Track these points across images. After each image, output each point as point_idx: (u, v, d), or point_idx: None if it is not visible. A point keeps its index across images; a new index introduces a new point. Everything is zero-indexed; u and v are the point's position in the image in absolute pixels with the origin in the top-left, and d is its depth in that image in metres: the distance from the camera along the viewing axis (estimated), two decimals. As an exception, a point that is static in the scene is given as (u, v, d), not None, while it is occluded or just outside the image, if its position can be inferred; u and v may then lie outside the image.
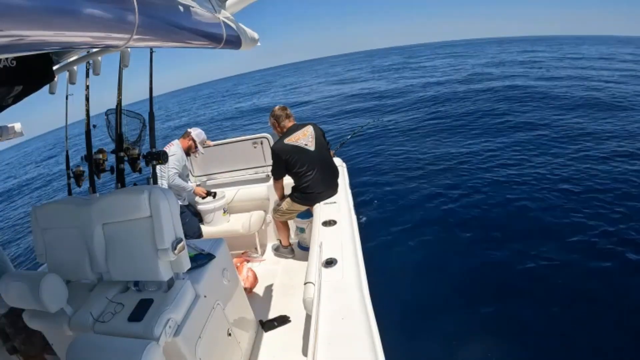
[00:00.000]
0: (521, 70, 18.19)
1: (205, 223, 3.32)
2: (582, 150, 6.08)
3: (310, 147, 2.65)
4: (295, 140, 2.65)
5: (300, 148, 2.63)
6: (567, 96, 10.41)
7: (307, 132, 2.70)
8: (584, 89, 11.39)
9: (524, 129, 7.73)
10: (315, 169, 2.64)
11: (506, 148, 6.71)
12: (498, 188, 5.09)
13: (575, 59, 22.69)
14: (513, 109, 9.58)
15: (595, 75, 14.14)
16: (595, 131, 7.04)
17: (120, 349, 1.32)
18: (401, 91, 15.85)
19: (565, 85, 12.38)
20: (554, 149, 6.35)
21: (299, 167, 2.64)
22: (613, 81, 12.53)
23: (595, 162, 5.53)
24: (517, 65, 20.58)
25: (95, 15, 0.64)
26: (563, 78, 14.13)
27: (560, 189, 4.78)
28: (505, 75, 16.23)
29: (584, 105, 9.22)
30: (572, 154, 6.01)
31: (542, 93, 11.19)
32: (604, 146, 6.17)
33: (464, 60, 29.08)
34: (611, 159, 5.56)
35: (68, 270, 1.72)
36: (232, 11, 1.46)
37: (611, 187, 4.66)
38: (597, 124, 7.54)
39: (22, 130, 2.32)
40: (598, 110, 8.53)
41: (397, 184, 5.69)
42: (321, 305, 1.49)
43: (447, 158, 6.57)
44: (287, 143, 2.65)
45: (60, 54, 1.80)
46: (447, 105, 11.33)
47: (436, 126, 9.05)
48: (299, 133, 2.69)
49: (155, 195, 1.52)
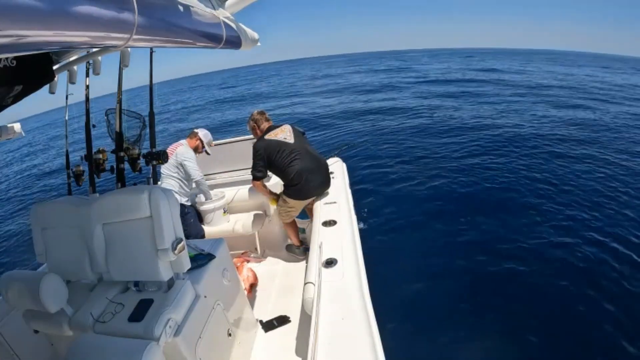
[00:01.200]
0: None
1: (205, 223, 3.32)
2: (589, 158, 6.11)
3: (289, 140, 2.74)
4: (275, 136, 2.76)
5: (280, 142, 2.72)
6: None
7: (285, 129, 2.82)
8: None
9: (535, 133, 7.71)
10: (298, 159, 2.67)
11: (513, 150, 6.71)
12: (501, 188, 5.09)
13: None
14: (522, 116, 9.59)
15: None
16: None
17: (120, 349, 1.32)
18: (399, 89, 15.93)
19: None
20: (568, 153, 6.35)
21: (281, 159, 2.68)
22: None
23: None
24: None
25: (95, 15, 0.64)
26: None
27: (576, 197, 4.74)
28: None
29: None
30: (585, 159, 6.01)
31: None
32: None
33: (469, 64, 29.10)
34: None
35: (68, 270, 1.72)
36: (232, 11, 1.46)
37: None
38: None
39: (21, 131, 2.32)
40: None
41: (397, 184, 5.69)
42: (321, 306, 1.48)
43: (451, 158, 6.56)
44: (266, 139, 2.76)
45: (60, 54, 1.79)
46: (448, 104, 11.34)
47: (440, 126, 9.03)
48: (277, 130, 2.80)
49: (155, 195, 1.52)
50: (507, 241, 3.80)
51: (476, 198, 4.89)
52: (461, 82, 16.67)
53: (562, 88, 15.40)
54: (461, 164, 6.16)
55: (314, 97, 16.82)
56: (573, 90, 14.83)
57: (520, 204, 4.55)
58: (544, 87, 15.66)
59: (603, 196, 4.65)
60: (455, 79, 18.73)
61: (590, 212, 4.23)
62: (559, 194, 4.82)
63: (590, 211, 4.26)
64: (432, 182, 5.55)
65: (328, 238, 2.04)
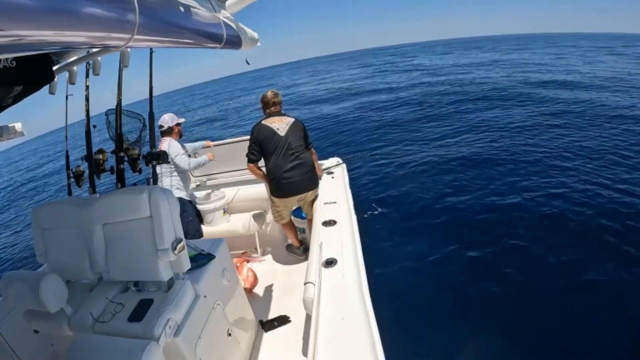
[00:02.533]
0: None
1: (205, 223, 3.33)
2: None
3: (281, 132, 2.71)
4: (271, 123, 2.75)
5: (272, 130, 2.71)
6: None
7: (283, 120, 2.79)
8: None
9: (535, 130, 7.65)
10: (278, 153, 2.67)
11: (513, 146, 6.65)
12: (503, 187, 5.07)
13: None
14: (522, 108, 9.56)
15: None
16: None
17: (120, 349, 1.32)
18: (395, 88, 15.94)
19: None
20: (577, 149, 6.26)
21: (267, 148, 2.70)
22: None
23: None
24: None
25: (96, 15, 0.64)
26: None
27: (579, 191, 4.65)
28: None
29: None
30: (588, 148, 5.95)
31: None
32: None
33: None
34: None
35: (68, 270, 1.72)
36: (232, 11, 1.46)
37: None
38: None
39: (23, 130, 2.32)
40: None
41: (398, 183, 5.69)
42: (321, 305, 1.49)
43: (451, 157, 6.54)
44: (263, 123, 2.75)
45: (60, 54, 1.80)
46: (451, 102, 11.31)
47: (440, 124, 9.01)
48: (276, 118, 2.79)
49: (155, 195, 1.52)
50: (512, 241, 3.79)
51: (480, 198, 4.88)
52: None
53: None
54: (465, 163, 6.12)
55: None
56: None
57: (530, 209, 4.48)
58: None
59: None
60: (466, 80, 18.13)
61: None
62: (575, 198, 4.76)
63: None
64: (433, 181, 5.55)
65: (328, 238, 2.04)
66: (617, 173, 5.09)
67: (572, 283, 3.10)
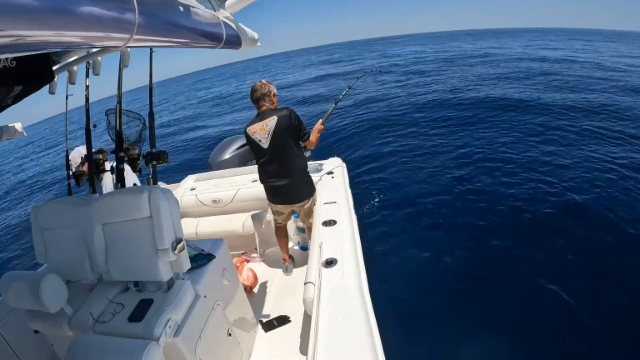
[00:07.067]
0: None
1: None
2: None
3: (263, 144, 2.50)
4: (252, 134, 2.52)
5: (255, 142, 2.54)
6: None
7: (266, 127, 2.47)
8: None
9: (535, 129, 7.54)
10: (263, 162, 2.60)
11: (517, 144, 6.61)
12: (504, 187, 5.05)
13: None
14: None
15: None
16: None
17: (120, 349, 1.32)
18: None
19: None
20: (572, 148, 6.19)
21: (255, 155, 2.65)
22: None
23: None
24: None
25: (95, 15, 0.64)
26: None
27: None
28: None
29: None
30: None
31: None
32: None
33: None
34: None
35: (68, 270, 1.72)
36: (232, 11, 1.46)
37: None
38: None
39: (23, 130, 2.32)
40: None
41: (398, 184, 5.67)
42: (321, 305, 1.49)
43: (452, 156, 6.51)
44: (247, 132, 2.56)
45: (60, 54, 1.80)
46: (452, 98, 11.22)
47: (442, 121, 8.93)
48: (258, 126, 2.50)
49: (155, 195, 1.52)
50: (513, 240, 3.79)
51: (480, 197, 4.87)
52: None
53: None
54: (466, 162, 6.10)
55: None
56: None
57: (529, 205, 4.48)
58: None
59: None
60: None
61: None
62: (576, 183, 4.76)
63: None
64: (434, 181, 5.54)
65: (328, 238, 2.04)
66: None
67: (573, 283, 3.10)
